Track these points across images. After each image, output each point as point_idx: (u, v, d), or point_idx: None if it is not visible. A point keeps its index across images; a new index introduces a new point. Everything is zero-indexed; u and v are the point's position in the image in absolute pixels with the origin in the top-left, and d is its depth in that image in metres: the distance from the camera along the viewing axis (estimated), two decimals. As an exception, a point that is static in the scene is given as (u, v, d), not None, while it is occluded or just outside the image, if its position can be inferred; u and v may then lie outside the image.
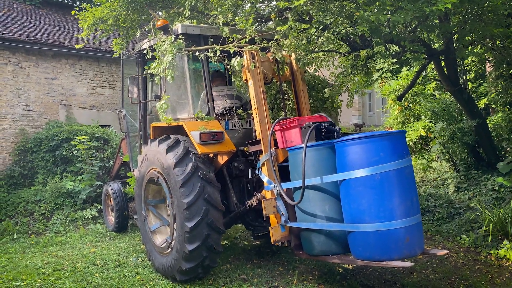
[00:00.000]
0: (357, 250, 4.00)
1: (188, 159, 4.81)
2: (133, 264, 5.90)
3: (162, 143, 5.07)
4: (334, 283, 5.04)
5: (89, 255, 6.41)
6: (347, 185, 3.98)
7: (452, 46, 6.57)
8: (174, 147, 4.94)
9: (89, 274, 5.54)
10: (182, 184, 4.69)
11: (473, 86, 10.12)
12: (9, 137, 9.82)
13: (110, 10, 7.39)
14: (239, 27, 5.12)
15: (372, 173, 3.81)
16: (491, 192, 7.34)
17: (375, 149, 3.87)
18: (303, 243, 4.56)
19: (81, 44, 8.40)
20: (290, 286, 4.98)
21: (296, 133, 4.54)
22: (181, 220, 4.72)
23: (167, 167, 4.89)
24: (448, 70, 7.32)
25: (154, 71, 5.01)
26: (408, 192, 3.90)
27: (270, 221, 4.70)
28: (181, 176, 4.71)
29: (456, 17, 6.12)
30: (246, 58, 4.92)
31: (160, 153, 5.04)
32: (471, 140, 8.12)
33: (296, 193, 4.49)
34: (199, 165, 4.80)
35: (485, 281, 5.01)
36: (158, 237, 5.53)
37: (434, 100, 9.91)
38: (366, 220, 3.83)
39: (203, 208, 4.68)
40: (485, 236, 6.20)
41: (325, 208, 4.25)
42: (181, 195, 4.69)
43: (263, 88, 4.99)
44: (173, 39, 4.94)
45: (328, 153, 4.28)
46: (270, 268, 5.58)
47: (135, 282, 5.18)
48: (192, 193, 4.66)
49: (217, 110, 5.53)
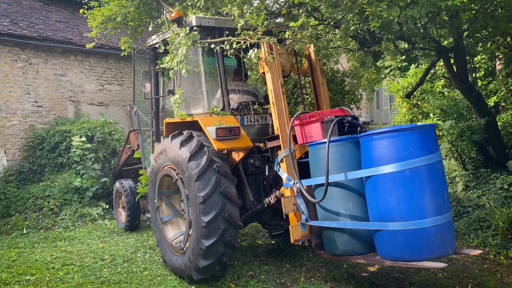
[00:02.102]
0: (384, 250, 3.83)
1: (202, 152, 4.68)
2: (141, 260, 5.94)
3: (175, 138, 4.98)
4: (341, 280, 5.03)
5: (97, 250, 6.46)
6: (374, 181, 3.81)
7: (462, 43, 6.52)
8: (187, 141, 4.83)
9: (98, 269, 5.59)
10: (197, 178, 4.56)
11: (483, 84, 10.02)
12: (18, 133, 9.91)
13: (119, 7, 7.41)
14: (251, 23, 5.04)
15: (401, 168, 3.63)
16: (500, 191, 7.28)
17: (404, 143, 3.68)
18: (325, 243, 4.40)
19: (91, 44, 8.45)
20: (297, 283, 4.98)
21: (317, 127, 4.36)
22: (197, 215, 4.58)
23: (181, 162, 4.77)
24: (457, 68, 7.26)
25: (168, 65, 4.88)
26: (439, 189, 3.72)
27: (290, 219, 4.56)
28: (196, 169, 4.58)
29: (466, 14, 6.06)
30: (264, 50, 4.74)
31: (173, 148, 4.93)
32: (480, 138, 8.06)
33: (318, 191, 4.34)
34: (214, 158, 4.66)
35: (494, 280, 4.98)
36: (169, 229, 5.45)
37: (443, 97, 9.84)
38: (394, 219, 3.65)
39: (220, 202, 4.54)
40: (494, 235, 6.16)
41: (349, 206, 4.08)
42: (196, 189, 4.56)
43: (281, 81, 4.81)
44: (187, 32, 4.81)
45: (351, 148, 4.10)
46: (277, 265, 5.58)
47: (143, 278, 5.21)
48: (207, 187, 4.53)
49: (232, 105, 5.38)
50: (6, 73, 9.74)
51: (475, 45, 6.75)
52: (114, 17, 7.52)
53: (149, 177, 5.69)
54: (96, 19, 7.67)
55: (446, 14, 5.82)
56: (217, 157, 4.71)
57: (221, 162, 4.72)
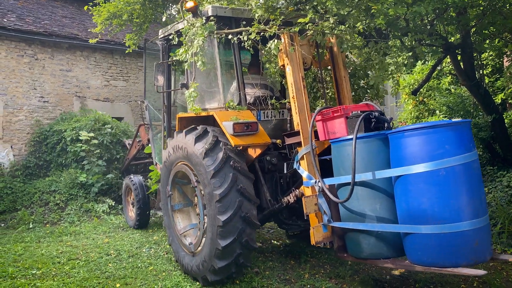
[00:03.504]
0: (415, 254, 3.59)
1: (218, 148, 4.48)
2: (146, 255, 5.96)
3: (190, 134, 4.78)
4: (346, 277, 5.03)
5: (102, 245, 6.50)
6: (404, 181, 3.56)
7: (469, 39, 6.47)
8: (202, 137, 4.63)
9: (103, 264, 5.62)
10: (214, 175, 4.35)
11: (490, 81, 9.94)
12: (25, 128, 9.97)
13: (124, 5, 7.41)
14: (264, 16, 4.74)
15: (436, 168, 3.39)
16: (507, 189, 7.23)
17: (439, 141, 3.43)
18: (349, 245, 4.15)
19: (95, 39, 8.46)
20: (302, 279, 4.98)
21: (341, 123, 4.10)
22: (213, 214, 4.36)
23: (196, 158, 4.56)
24: (464, 64, 7.21)
25: (182, 58, 4.67)
26: (476, 190, 3.49)
27: (310, 220, 4.26)
28: (211, 166, 4.37)
29: (474, 10, 6.01)
30: (285, 41, 4.50)
31: (188, 144, 4.72)
32: (487, 135, 8.00)
33: (341, 190, 4.09)
34: (230, 154, 4.46)
35: (500, 278, 4.95)
36: (179, 219, 5.31)
37: (450, 94, 9.78)
38: (428, 221, 3.41)
39: (237, 200, 4.33)
40: (501, 233, 6.12)
41: (376, 207, 3.83)
42: (212, 187, 4.34)
43: (302, 74, 4.54)
44: (203, 22, 4.58)
45: (379, 146, 3.86)
46: (282, 261, 5.59)
47: (148, 273, 5.24)
48: (224, 184, 4.32)
49: (247, 100, 5.16)
50: (13, 69, 9.79)
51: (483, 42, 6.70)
52: (119, 13, 7.52)
53: (161, 172, 5.53)
54: (101, 15, 7.67)
55: (453, 11, 5.77)
56: (233, 153, 4.51)
57: (238, 158, 4.52)
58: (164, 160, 5.39)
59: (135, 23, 7.81)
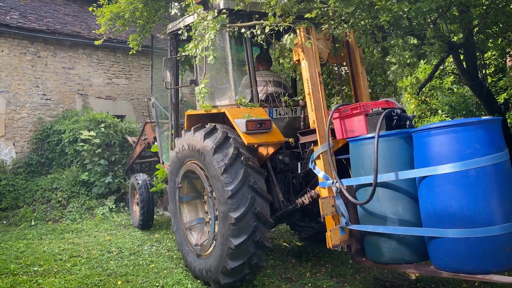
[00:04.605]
0: (441, 260, 3.40)
1: (228, 144, 4.32)
2: (148, 253, 5.98)
3: (198, 131, 4.64)
4: (347, 276, 5.03)
5: (104, 242, 6.52)
6: (430, 183, 3.37)
7: (472, 39, 6.44)
8: (211, 133, 4.48)
9: (104, 261, 5.63)
10: (224, 171, 4.18)
11: (493, 81, 9.91)
12: (27, 125, 9.99)
13: (127, 4, 7.41)
14: (276, 11, 4.55)
15: (465, 168, 3.19)
16: None
17: (469, 140, 3.24)
18: (368, 249, 3.97)
19: (99, 41, 8.46)
20: (303, 278, 4.98)
21: (360, 121, 3.93)
22: (225, 211, 4.19)
23: (205, 155, 4.41)
24: (467, 64, 7.19)
25: (191, 52, 4.49)
26: (508, 192, 3.28)
27: (327, 222, 4.09)
28: (222, 162, 4.22)
29: (477, 9, 5.99)
30: (300, 34, 4.29)
31: (196, 141, 4.57)
32: (489, 135, 7.97)
33: (360, 191, 3.90)
34: (241, 150, 4.29)
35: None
36: (186, 210, 5.18)
37: (452, 94, 9.77)
38: (456, 225, 3.22)
39: (249, 196, 4.14)
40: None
41: (398, 209, 3.65)
42: (223, 183, 4.19)
43: (319, 69, 4.36)
44: (215, 15, 4.41)
45: (402, 145, 3.68)
46: (283, 259, 5.59)
47: (149, 270, 5.25)
48: (236, 180, 4.15)
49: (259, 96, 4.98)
50: (15, 66, 9.81)
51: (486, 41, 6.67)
52: (122, 14, 7.52)
53: (172, 163, 5.26)
54: (104, 15, 7.69)
55: (456, 9, 5.75)
56: (244, 149, 4.34)
57: (249, 154, 4.35)
58: (173, 156, 5.19)
59: (138, 24, 7.81)
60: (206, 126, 4.62)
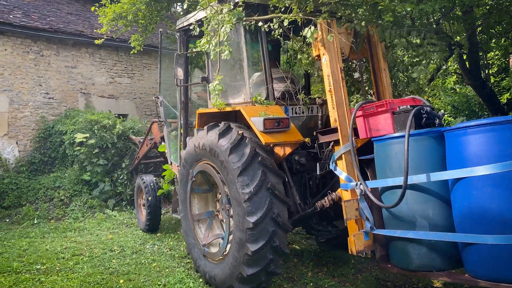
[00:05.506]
0: (478, 268, 3.18)
1: (244, 144, 4.09)
2: (150, 251, 5.99)
3: (212, 130, 4.41)
4: (348, 275, 5.03)
5: (106, 241, 6.53)
6: (466, 184, 3.14)
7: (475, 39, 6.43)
8: (226, 133, 4.26)
9: (107, 260, 5.65)
10: (241, 172, 3.95)
11: (495, 81, 9.89)
12: (30, 124, 10.03)
13: (130, 5, 7.41)
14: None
15: (508, 169, 2.94)
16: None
17: (509, 139, 3.02)
18: (394, 255, 3.75)
19: (100, 40, 8.47)
20: (305, 277, 4.98)
21: (386, 119, 3.73)
22: (242, 215, 3.94)
23: (220, 155, 4.18)
24: (470, 64, 7.18)
25: (204, 48, 4.30)
26: None
27: (349, 227, 3.84)
28: (238, 163, 3.98)
29: (480, 9, 5.98)
30: (321, 28, 4.06)
31: (210, 141, 4.34)
32: (492, 135, 7.95)
33: (386, 194, 3.68)
34: (258, 150, 4.05)
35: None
36: (196, 202, 4.99)
37: (455, 94, 9.75)
38: (496, 230, 2.98)
39: (267, 200, 3.90)
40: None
41: (428, 213, 3.43)
42: (240, 185, 3.95)
43: (341, 65, 4.12)
44: (231, 7, 4.16)
45: (432, 144, 3.47)
46: (285, 259, 5.58)
47: (151, 269, 5.26)
48: (253, 182, 3.91)
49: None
50: (18, 65, 9.84)
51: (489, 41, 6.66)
52: (125, 14, 7.53)
53: (187, 156, 4.96)
54: (107, 15, 7.69)
55: (460, 9, 5.73)
56: (261, 149, 4.11)
57: (266, 154, 4.12)
58: (184, 156, 4.99)
59: (141, 25, 7.81)
60: (220, 124, 4.40)
